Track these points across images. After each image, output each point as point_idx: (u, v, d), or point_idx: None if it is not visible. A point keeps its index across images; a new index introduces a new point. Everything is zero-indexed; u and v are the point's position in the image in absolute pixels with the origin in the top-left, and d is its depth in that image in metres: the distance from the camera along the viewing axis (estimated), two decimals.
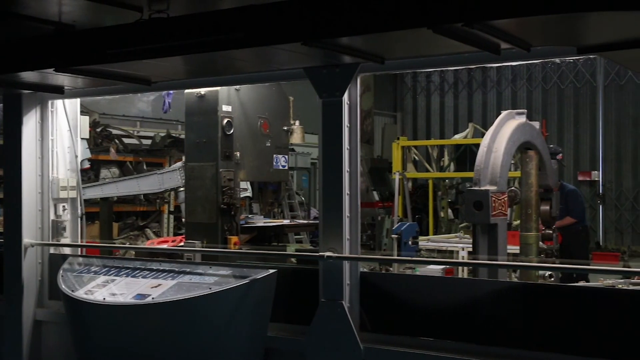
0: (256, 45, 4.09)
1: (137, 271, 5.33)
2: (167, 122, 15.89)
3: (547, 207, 6.85)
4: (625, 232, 19.21)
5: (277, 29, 3.93)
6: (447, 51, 4.29)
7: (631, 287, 6.22)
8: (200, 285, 4.86)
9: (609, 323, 4.15)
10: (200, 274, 5.06)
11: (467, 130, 17.17)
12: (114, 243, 11.51)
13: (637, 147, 19.18)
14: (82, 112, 6.79)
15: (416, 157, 17.55)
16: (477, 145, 6.45)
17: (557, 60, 18.08)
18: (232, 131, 7.80)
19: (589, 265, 7.64)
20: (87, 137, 10.90)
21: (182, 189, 10.21)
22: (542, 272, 6.29)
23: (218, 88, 7.52)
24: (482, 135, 6.62)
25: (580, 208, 10.16)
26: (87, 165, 11.68)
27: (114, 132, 14.35)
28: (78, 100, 6.49)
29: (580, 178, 19.81)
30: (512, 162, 9.81)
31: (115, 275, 5.31)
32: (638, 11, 3.02)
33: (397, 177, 15.93)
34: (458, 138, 17.39)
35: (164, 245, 8.91)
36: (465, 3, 3.28)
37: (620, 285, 6.39)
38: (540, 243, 6.84)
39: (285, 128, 8.77)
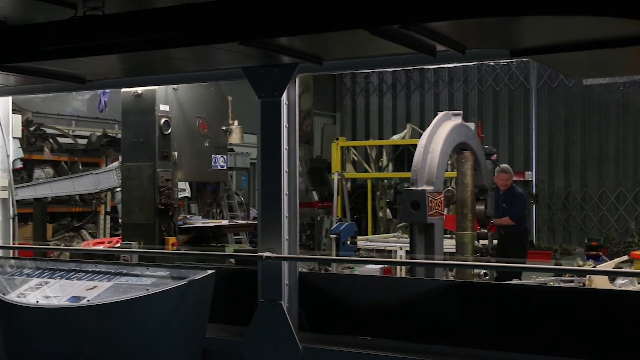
0: (193, 45, 4.05)
1: (72, 273, 5.22)
2: (103, 121, 15.62)
3: (482, 207, 6.98)
4: (557, 231, 19.73)
5: (215, 29, 3.91)
6: (384, 52, 4.33)
7: (562, 285, 6.40)
8: (137, 287, 4.79)
9: (542, 319, 4.26)
10: (137, 276, 4.98)
11: (405, 131, 17.38)
12: (48, 245, 11.26)
13: (568, 148, 19.71)
14: (14, 111, 6.61)
15: (355, 158, 17.67)
16: (415, 146, 6.53)
17: (492, 62, 18.49)
18: (169, 131, 7.72)
19: (524, 263, 7.82)
20: (20, 136, 10.62)
21: (118, 189, 10.06)
22: (478, 270, 6.41)
23: (155, 87, 7.44)
24: (420, 135, 6.70)
25: (522, 212, 10.58)
26: (19, 165, 11.40)
27: (48, 131, 14.04)
28: (10, 98, 6.32)
29: (514, 178, 20.22)
30: (449, 162, 9.98)
31: (49, 278, 5.19)
32: (567, 16, 3.10)
33: (335, 177, 16.01)
34: (396, 139, 17.59)
35: (100, 247, 8.76)
36: (402, 5, 3.32)
37: (551, 283, 6.57)
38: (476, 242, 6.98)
39: (224, 128, 8.73)
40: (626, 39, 3.55)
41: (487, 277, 6.55)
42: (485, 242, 7.29)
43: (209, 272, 4.86)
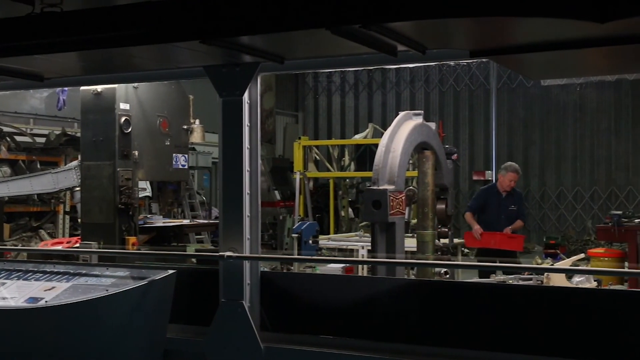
0: (154, 43, 4.02)
1: (30, 274, 5.13)
2: (62, 120, 15.41)
3: (443, 206, 7.04)
4: None
5: (176, 27, 3.88)
6: (345, 52, 4.34)
7: (521, 283, 6.49)
8: (96, 287, 4.73)
9: (501, 317, 4.32)
10: (96, 276, 4.92)
11: (367, 130, 17.46)
12: (5, 245, 11.07)
13: (527, 147, 19.99)
14: None
15: (317, 157, 17.70)
16: (377, 145, 6.57)
17: (452, 63, 18.68)
18: (130, 130, 7.65)
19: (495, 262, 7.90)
20: None
21: (78, 188, 9.94)
22: (438, 269, 6.46)
23: (115, 85, 7.36)
24: (382, 135, 6.74)
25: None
26: None
27: (5, 129, 13.80)
28: None
29: (475, 177, 20.49)
30: (410, 162, 10.04)
31: (5, 279, 5.10)
32: (525, 17, 3.15)
33: (298, 176, 16.02)
34: (358, 138, 17.65)
35: (59, 247, 8.64)
36: (363, 5, 3.33)
37: (511, 281, 6.65)
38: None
39: (185, 127, 8.69)
40: (583, 40, 3.61)
41: (448, 276, 6.61)
42: (446, 240, 7.37)
43: (170, 272, 4.82)
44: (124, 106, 7.62)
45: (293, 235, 9.97)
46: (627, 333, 3.97)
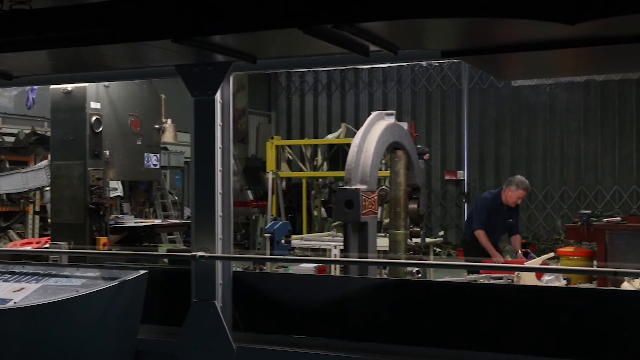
0: (125, 42, 3.99)
1: None
2: (31, 119, 15.22)
3: (415, 206, 7.07)
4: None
5: (147, 25, 3.86)
6: (318, 52, 4.35)
7: (492, 282, 6.55)
8: (66, 288, 4.69)
9: (473, 316, 4.35)
10: (66, 277, 4.88)
11: (340, 130, 17.48)
12: None
13: (499, 147, 20.15)
14: None
15: (290, 157, 17.68)
16: (350, 145, 6.58)
17: (424, 63, 18.78)
18: (101, 129, 7.59)
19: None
20: None
21: (48, 188, 9.83)
22: (410, 268, 6.49)
23: (86, 84, 7.30)
24: (355, 135, 6.75)
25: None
26: None
27: None
28: None
29: (447, 177, 20.62)
30: (382, 161, 10.06)
31: None
32: (495, 18, 3.18)
33: (270, 176, 16.00)
34: (331, 138, 17.68)
35: (28, 247, 8.53)
36: (335, 5, 3.34)
37: (481, 280, 6.71)
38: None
39: (157, 126, 8.64)
40: (553, 42, 3.65)
41: (420, 275, 6.64)
42: (418, 240, 7.40)
43: (142, 272, 4.80)
44: (94, 105, 7.55)
45: (265, 235, 9.96)
46: (595, 330, 4.02)
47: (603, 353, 3.96)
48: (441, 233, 19.73)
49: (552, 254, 7.98)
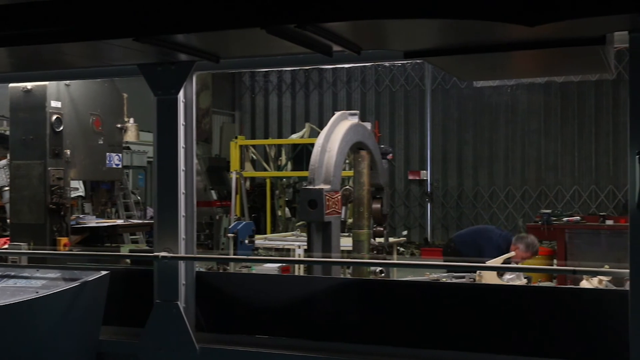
0: (86, 40, 3.94)
1: None
2: None
3: (379, 205, 7.12)
4: (450, 228, 20.32)
5: (109, 23, 3.81)
6: (281, 52, 4.34)
7: (454, 281, 6.61)
8: (26, 290, 4.62)
9: (435, 314, 4.39)
10: (26, 278, 4.81)
11: (304, 130, 17.50)
12: None
13: (461, 148, 20.35)
14: None
15: (254, 156, 17.65)
16: (314, 145, 6.59)
17: (387, 64, 18.88)
18: (61, 128, 7.50)
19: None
20: None
21: (7, 188, 9.66)
22: (374, 268, 6.53)
23: (46, 83, 7.20)
24: (318, 135, 6.77)
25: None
26: None
27: None
28: None
29: (410, 177, 20.75)
30: (346, 161, 10.10)
31: None
32: (456, 19, 3.21)
33: (234, 176, 15.95)
34: (295, 138, 17.68)
35: None
36: (298, 5, 3.34)
37: (444, 279, 6.76)
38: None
39: (119, 125, 8.57)
40: (513, 43, 3.70)
41: (383, 274, 6.68)
42: (381, 239, 7.44)
43: (103, 273, 4.75)
44: (55, 104, 7.46)
45: (229, 235, 9.92)
46: (555, 328, 4.09)
47: (563, 350, 4.03)
48: (404, 233, 19.86)
49: (513, 253, 8.06)
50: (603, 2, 3.12)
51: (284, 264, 7.34)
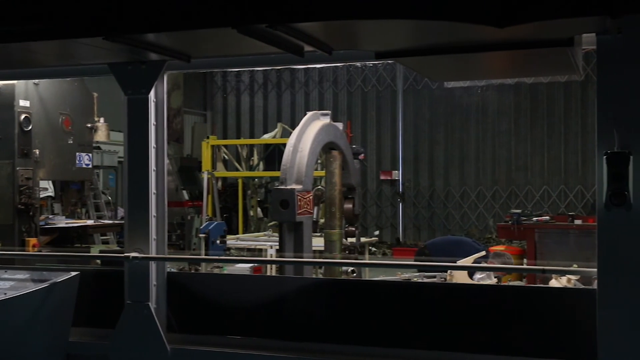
0: (55, 39, 3.90)
1: None
2: None
3: (350, 205, 7.14)
4: (422, 228, 20.43)
5: (78, 22, 3.78)
6: (253, 51, 4.34)
7: (425, 280, 6.65)
8: None
9: (407, 313, 4.41)
10: None
11: (276, 130, 17.46)
12: None
13: (433, 148, 20.46)
14: None
15: (226, 156, 17.58)
16: (286, 145, 6.59)
17: (359, 64, 18.92)
18: (30, 127, 7.42)
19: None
20: None
21: None
22: (345, 267, 6.55)
23: (15, 82, 7.12)
24: (290, 135, 6.77)
25: None
26: None
27: None
28: None
29: (382, 177, 20.82)
30: (318, 161, 10.10)
31: None
32: (427, 20, 3.24)
33: (205, 176, 15.88)
34: (267, 138, 17.64)
35: None
36: (270, 5, 3.34)
37: (415, 279, 6.80)
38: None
39: (89, 125, 8.49)
40: (483, 44, 3.74)
41: (355, 275, 6.71)
42: (353, 239, 7.46)
43: (73, 274, 4.71)
44: (23, 103, 7.38)
45: (200, 235, 9.89)
46: (525, 326, 4.13)
47: (532, 348, 4.07)
48: (376, 232, 19.91)
49: (483, 253, 8.15)
50: (571, 4, 3.17)
51: (255, 264, 7.33)
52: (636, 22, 3.41)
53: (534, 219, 12.57)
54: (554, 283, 6.01)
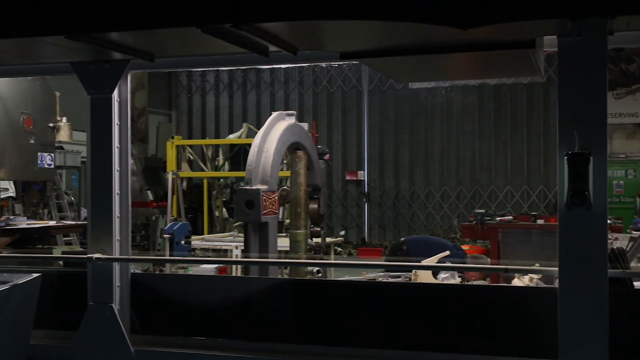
0: (15, 37, 3.85)
1: None
2: None
3: (316, 206, 7.15)
4: (387, 228, 20.54)
5: (39, 20, 3.73)
6: (217, 51, 4.32)
7: (390, 280, 6.68)
8: None
9: (372, 313, 4.43)
10: None
11: (242, 130, 17.43)
12: None
13: (398, 148, 20.58)
14: None
15: (191, 157, 17.49)
16: (251, 145, 6.58)
17: (324, 64, 18.96)
18: None
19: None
20: None
21: None
22: (311, 268, 6.55)
23: None
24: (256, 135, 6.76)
25: None
26: None
27: None
28: None
29: (347, 177, 20.89)
30: (285, 161, 10.10)
31: None
32: (390, 21, 3.26)
33: (170, 176, 15.78)
34: (232, 138, 17.60)
35: None
36: (234, 4, 3.33)
37: (381, 279, 6.83)
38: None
39: (51, 125, 8.39)
40: (447, 46, 3.77)
41: (320, 275, 6.72)
42: (319, 240, 7.47)
43: (35, 275, 4.64)
44: None
45: (165, 235, 9.82)
46: (488, 325, 4.17)
47: (495, 346, 4.11)
48: (342, 233, 19.98)
49: (447, 252, 8.21)
50: (532, 7, 3.21)
51: (220, 265, 7.30)
52: (595, 25, 3.47)
53: (498, 218, 12.72)
54: (516, 282, 6.09)
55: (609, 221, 4.05)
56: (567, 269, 3.61)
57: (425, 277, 6.24)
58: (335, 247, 14.29)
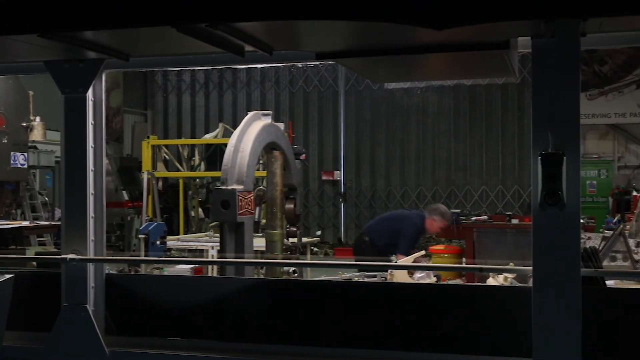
0: None
1: None
2: None
3: (292, 206, 7.15)
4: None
5: (11, 18, 3.68)
6: (193, 51, 4.31)
7: (366, 280, 6.70)
8: None
9: (348, 313, 4.44)
10: None
11: (218, 130, 17.37)
12: None
13: (374, 148, 20.65)
14: None
15: (167, 156, 17.40)
16: (227, 145, 6.56)
17: (300, 65, 18.96)
18: None
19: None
20: None
21: None
22: (287, 268, 6.55)
23: None
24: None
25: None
26: None
27: None
28: None
29: (324, 177, 20.91)
30: (261, 161, 10.09)
31: None
32: (365, 21, 3.27)
33: (145, 176, 15.70)
34: (208, 138, 17.53)
35: None
36: (210, 4, 3.32)
37: (357, 278, 6.85)
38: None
39: (25, 124, 8.31)
40: (422, 46, 3.79)
41: (296, 275, 6.72)
42: (295, 240, 7.47)
43: (7, 276, 4.59)
44: None
45: (140, 236, 9.76)
46: (463, 324, 4.20)
47: (469, 345, 4.14)
48: (318, 233, 19.99)
49: (423, 252, 8.26)
50: (506, 8, 3.24)
51: (196, 265, 7.28)
52: (568, 27, 3.51)
53: (473, 218, 12.80)
54: (491, 281, 6.13)
55: (582, 221, 4.10)
56: (541, 268, 3.64)
57: (401, 276, 6.26)
58: (312, 247, 14.31)
